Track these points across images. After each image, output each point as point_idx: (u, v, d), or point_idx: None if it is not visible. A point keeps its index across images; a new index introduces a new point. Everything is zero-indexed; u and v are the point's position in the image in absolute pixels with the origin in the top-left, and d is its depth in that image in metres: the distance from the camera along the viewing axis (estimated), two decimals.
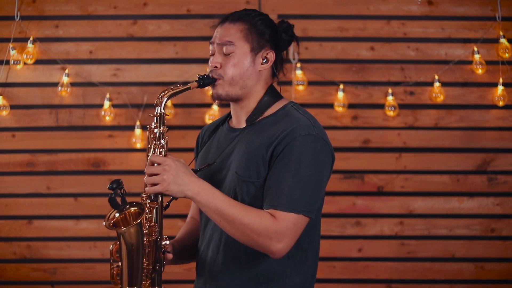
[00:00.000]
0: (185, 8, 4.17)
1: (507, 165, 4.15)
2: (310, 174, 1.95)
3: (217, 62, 2.07)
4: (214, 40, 2.10)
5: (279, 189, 1.93)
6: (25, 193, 4.18)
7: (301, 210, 1.92)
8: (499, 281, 4.18)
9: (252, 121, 2.08)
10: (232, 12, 2.14)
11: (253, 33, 2.07)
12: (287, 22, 2.16)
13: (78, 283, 4.20)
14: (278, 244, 1.90)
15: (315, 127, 2.01)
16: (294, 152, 1.94)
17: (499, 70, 4.12)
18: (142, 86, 4.18)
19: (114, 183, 1.94)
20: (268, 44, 2.09)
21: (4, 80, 4.13)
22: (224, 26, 2.10)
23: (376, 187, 4.17)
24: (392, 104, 4.12)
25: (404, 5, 4.16)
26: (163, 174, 1.92)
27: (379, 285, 4.19)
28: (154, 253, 2.04)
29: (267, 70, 2.12)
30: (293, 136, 1.96)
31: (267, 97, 2.11)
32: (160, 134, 2.05)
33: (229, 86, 2.06)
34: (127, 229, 1.96)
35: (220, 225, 1.95)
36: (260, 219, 1.91)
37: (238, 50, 2.05)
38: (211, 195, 1.93)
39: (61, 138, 4.18)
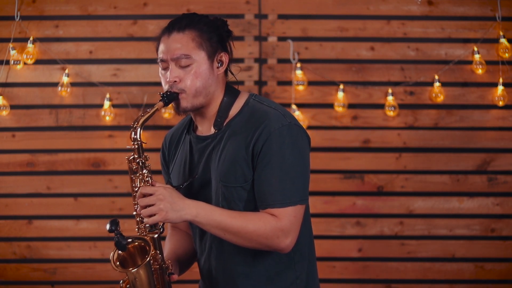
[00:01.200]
0: (185, 8, 4.17)
1: (507, 165, 4.15)
2: (295, 163, 1.96)
3: (175, 77, 2.02)
4: (166, 57, 2.04)
5: (270, 187, 1.94)
6: (25, 193, 4.18)
7: (297, 201, 1.95)
8: (499, 281, 4.18)
9: (220, 125, 2.06)
10: (175, 20, 2.08)
11: (204, 39, 2.04)
12: (221, 19, 2.13)
13: (78, 283, 4.20)
14: (286, 239, 1.94)
15: (285, 116, 2.01)
16: (273, 147, 1.95)
17: (499, 70, 4.12)
18: (142, 86, 4.18)
19: (112, 224, 1.94)
20: (218, 46, 2.07)
21: (4, 80, 4.13)
22: (172, 37, 2.05)
23: (376, 187, 4.17)
24: (392, 104, 4.12)
25: (404, 5, 4.16)
26: (159, 204, 1.92)
27: (379, 285, 4.19)
28: (162, 278, 2.06)
29: (222, 72, 2.10)
30: (268, 132, 1.96)
31: (226, 97, 2.09)
32: (142, 163, 2.04)
33: (193, 98, 2.03)
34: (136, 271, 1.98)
35: (225, 238, 1.95)
36: (263, 222, 1.92)
37: (196, 61, 2.02)
38: (210, 213, 1.93)
39: (61, 138, 4.18)
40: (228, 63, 2.11)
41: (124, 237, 1.97)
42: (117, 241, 1.95)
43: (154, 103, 4.41)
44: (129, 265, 2.03)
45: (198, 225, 1.97)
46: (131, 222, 4.18)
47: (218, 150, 2.04)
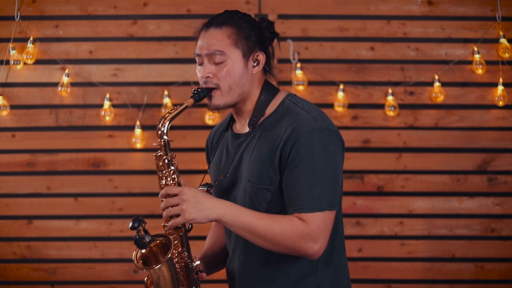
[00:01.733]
0: (185, 8, 4.17)
1: (507, 165, 4.15)
2: (325, 168, 1.92)
3: (209, 72, 2.01)
4: (201, 52, 2.02)
5: (298, 191, 1.90)
6: (25, 193, 4.18)
7: (325, 206, 1.90)
8: (499, 281, 4.18)
9: (254, 124, 2.05)
10: (214, 16, 2.07)
11: (241, 37, 2.02)
12: (267, 20, 2.13)
13: (78, 283, 4.20)
14: (314, 245, 1.89)
15: (316, 119, 1.97)
16: (302, 150, 1.91)
17: (499, 70, 4.12)
18: (142, 86, 4.18)
19: (135, 221, 1.92)
20: (256, 45, 2.05)
21: (4, 80, 4.13)
22: (209, 32, 2.03)
23: (376, 187, 4.17)
24: (392, 104, 4.12)
25: (404, 5, 4.16)
26: (182, 204, 1.90)
27: (379, 285, 4.19)
28: (188, 276, 2.04)
29: (260, 71, 2.08)
30: (297, 135, 1.92)
31: (263, 96, 2.07)
32: (168, 161, 2.03)
33: (227, 96, 2.02)
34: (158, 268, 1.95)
35: (252, 240, 1.93)
36: (291, 226, 1.89)
37: (230, 58, 2.00)
38: (237, 214, 1.91)
39: (61, 138, 4.18)
40: (265, 63, 2.08)
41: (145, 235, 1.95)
42: (137, 239, 1.92)
43: (154, 103, 4.44)
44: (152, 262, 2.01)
45: (225, 225, 1.94)
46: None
47: (250, 149, 2.03)
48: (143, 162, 4.17)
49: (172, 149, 2.05)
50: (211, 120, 4.07)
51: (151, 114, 4.16)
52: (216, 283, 4.13)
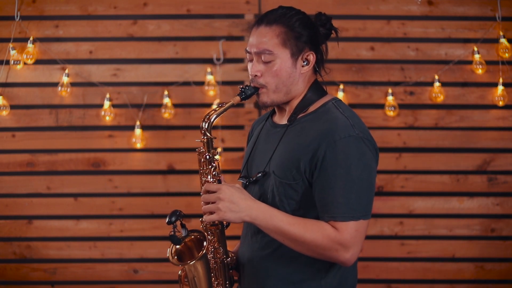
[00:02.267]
0: (185, 8, 4.17)
1: (507, 165, 4.15)
2: (361, 177, 1.92)
3: (257, 71, 2.02)
4: (250, 49, 2.03)
5: (334, 198, 1.90)
6: (25, 193, 4.18)
7: (360, 216, 1.91)
8: (499, 281, 4.18)
9: (293, 119, 2.06)
10: (268, 12, 2.07)
11: (291, 37, 2.02)
12: (325, 15, 2.13)
13: (78, 283, 4.20)
14: (346, 254, 1.90)
15: (354, 126, 1.97)
16: (338, 157, 1.91)
17: (499, 70, 4.11)
18: (142, 86, 4.18)
19: (172, 216, 1.95)
20: (307, 45, 2.05)
21: (4, 80, 4.13)
22: (259, 30, 2.03)
23: (376, 187, 4.16)
24: (392, 104, 4.12)
25: (404, 5, 4.16)
26: (218, 203, 1.91)
27: (379, 285, 4.19)
28: (223, 272, 2.06)
29: (309, 70, 2.09)
30: (333, 140, 1.92)
31: (310, 94, 2.08)
32: (210, 157, 2.04)
33: (273, 94, 2.04)
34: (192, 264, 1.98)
35: (284, 243, 1.94)
36: (322, 233, 1.90)
37: (278, 58, 2.01)
38: (269, 217, 1.92)
39: (61, 138, 4.18)
40: (316, 62, 2.09)
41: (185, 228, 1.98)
42: (171, 236, 1.96)
43: (154, 103, 4.44)
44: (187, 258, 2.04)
45: (258, 227, 1.96)
46: (131, 222, 4.20)
47: (283, 143, 2.04)
48: (143, 162, 4.17)
49: (171, 149, 2.06)
50: None
51: (151, 114, 4.16)
52: None
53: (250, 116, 4.12)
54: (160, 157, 4.15)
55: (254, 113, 4.12)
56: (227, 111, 2.08)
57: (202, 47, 4.17)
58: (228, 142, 4.14)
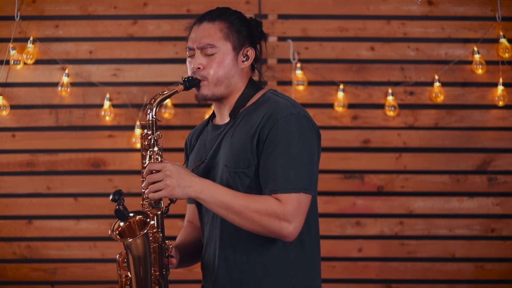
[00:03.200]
0: (185, 8, 4.17)
1: (507, 165, 4.15)
2: (301, 152, 1.97)
3: (199, 64, 2.07)
4: (193, 45, 2.09)
5: (274, 174, 1.95)
6: (25, 193, 4.18)
7: (301, 188, 1.94)
8: (499, 281, 4.18)
9: (235, 114, 2.10)
10: (207, 12, 2.13)
11: (232, 31, 2.09)
12: (256, 20, 2.18)
13: (78, 283, 4.20)
14: (289, 225, 1.92)
15: (295, 106, 2.04)
16: (279, 133, 1.96)
17: (499, 70, 4.11)
18: (142, 86, 4.18)
19: (116, 194, 1.96)
20: (246, 41, 2.12)
21: (4, 80, 4.13)
22: (202, 26, 2.10)
23: (376, 187, 4.17)
24: (392, 104, 4.12)
25: (404, 5, 4.16)
26: (166, 179, 1.94)
27: (379, 285, 4.19)
28: (160, 259, 2.06)
29: (248, 66, 2.14)
30: (276, 119, 1.98)
31: (247, 90, 2.13)
32: (154, 140, 2.08)
33: (214, 87, 2.08)
34: (133, 240, 1.98)
35: (227, 218, 1.96)
36: (266, 204, 1.93)
37: (221, 51, 2.07)
38: (214, 191, 1.95)
39: (61, 138, 4.18)
40: (254, 59, 2.14)
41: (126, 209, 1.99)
42: (117, 209, 1.97)
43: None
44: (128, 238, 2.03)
45: (202, 203, 1.98)
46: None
47: (228, 137, 2.08)
48: None
49: (171, 149, 2.07)
50: None
51: None
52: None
53: None
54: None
55: None
56: None
57: None
58: None
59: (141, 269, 2.00)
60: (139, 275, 2.01)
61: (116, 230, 2.03)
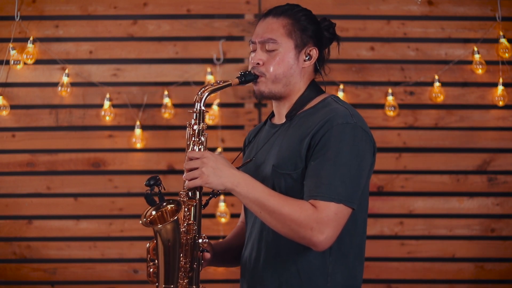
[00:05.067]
0: (185, 8, 4.17)
1: (507, 165, 4.15)
2: (350, 163, 1.90)
3: (259, 59, 2.03)
4: (255, 38, 2.05)
5: (318, 179, 1.88)
6: (25, 193, 4.18)
7: (341, 199, 1.87)
8: (499, 281, 4.18)
9: (292, 115, 2.05)
10: (275, 7, 2.09)
11: (296, 29, 2.04)
12: (329, 21, 2.13)
13: (78, 283, 4.20)
14: (320, 235, 1.85)
15: (353, 116, 1.96)
16: (331, 141, 1.90)
17: (499, 70, 4.11)
18: (142, 86, 4.18)
19: (151, 179, 1.94)
20: (311, 40, 2.06)
21: (4, 80, 4.13)
22: (266, 20, 2.05)
23: (376, 187, 4.17)
24: (392, 104, 4.12)
25: (404, 5, 4.16)
26: (202, 167, 1.91)
27: (379, 285, 4.19)
28: (192, 252, 2.00)
29: (310, 67, 2.09)
30: (330, 125, 1.92)
31: (308, 92, 2.08)
32: (199, 130, 2.03)
33: (272, 84, 2.04)
34: (163, 226, 1.94)
35: (260, 216, 1.92)
36: (300, 208, 1.86)
37: (282, 48, 2.02)
38: (251, 186, 1.90)
39: (61, 138, 4.18)
40: (318, 59, 2.09)
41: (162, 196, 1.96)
42: (147, 195, 1.94)
43: (154, 103, 4.43)
44: None
45: (237, 196, 1.93)
46: (131, 222, 4.20)
47: (282, 137, 2.04)
48: (143, 162, 4.16)
49: (171, 148, 2.06)
50: (211, 120, 4.07)
51: (151, 114, 4.16)
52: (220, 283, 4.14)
53: (250, 116, 4.12)
54: (160, 157, 4.15)
55: (254, 113, 4.12)
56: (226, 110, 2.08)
57: (202, 47, 4.17)
58: (228, 142, 4.13)
59: (169, 258, 1.96)
60: (167, 264, 1.96)
61: (148, 217, 1.98)
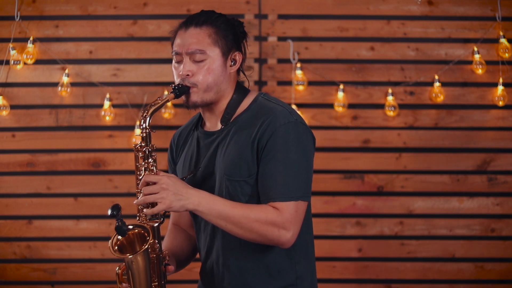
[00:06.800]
0: (185, 8, 4.17)
1: (507, 165, 4.15)
2: (299, 160, 1.98)
3: (189, 70, 2.05)
4: (180, 49, 2.06)
5: (273, 181, 1.96)
6: (25, 193, 4.18)
7: (299, 196, 1.96)
8: (499, 281, 4.18)
9: (227, 121, 2.09)
10: (192, 16, 2.11)
11: (220, 37, 2.06)
12: (237, 20, 2.15)
13: (78, 283, 4.20)
14: (287, 233, 1.94)
15: (291, 113, 2.03)
16: (278, 142, 1.97)
17: (499, 70, 4.11)
18: (142, 86, 4.18)
19: (114, 209, 1.98)
20: (234, 45, 2.10)
21: (4, 80, 4.13)
22: (189, 31, 2.07)
23: (376, 187, 4.17)
24: (392, 104, 4.12)
25: (404, 5, 4.16)
26: (162, 192, 1.93)
27: (379, 285, 4.19)
28: (158, 269, 2.05)
29: (235, 70, 2.13)
30: (274, 127, 1.98)
31: (236, 95, 2.11)
32: (149, 152, 2.08)
33: (204, 93, 2.06)
34: (134, 257, 1.97)
35: (226, 229, 1.96)
36: (265, 213, 1.93)
37: (210, 57, 2.04)
38: (212, 202, 1.94)
39: (61, 138, 4.18)
40: (241, 63, 2.13)
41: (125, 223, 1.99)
42: (118, 226, 1.96)
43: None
44: (127, 252, 2.03)
45: (200, 215, 1.97)
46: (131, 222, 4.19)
47: (224, 145, 2.06)
48: None
49: None
50: None
51: None
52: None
53: None
54: (160, 157, 4.13)
55: None
56: None
57: None
58: None
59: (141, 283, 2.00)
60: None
61: (115, 245, 2.02)
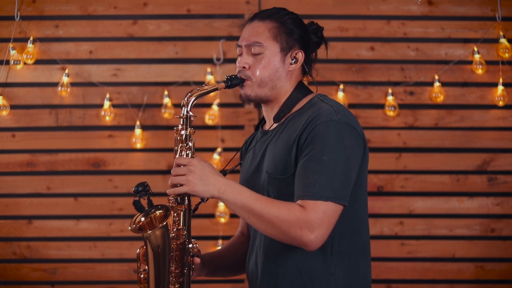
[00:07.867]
0: (185, 8, 4.17)
1: (507, 165, 4.15)
2: (336, 160, 1.88)
3: (245, 63, 2.03)
4: (241, 42, 2.05)
5: (305, 179, 1.87)
6: (25, 193, 4.18)
7: (329, 197, 1.85)
8: (499, 281, 4.18)
9: (279, 118, 2.05)
10: (261, 11, 2.10)
11: (282, 32, 2.04)
12: (316, 24, 2.14)
13: (78, 283, 4.20)
14: (310, 234, 1.84)
15: (338, 113, 1.95)
16: (316, 139, 1.89)
17: (499, 70, 4.12)
18: (142, 86, 4.18)
19: (139, 185, 1.93)
20: (297, 43, 2.06)
21: (4, 80, 4.13)
22: (252, 24, 2.07)
23: (376, 187, 4.17)
24: (392, 104, 4.12)
25: (404, 5, 4.16)
26: (188, 174, 1.90)
27: (379, 285, 4.19)
28: (182, 257, 2.00)
29: (297, 69, 2.09)
30: (314, 124, 1.91)
31: (294, 93, 2.07)
32: (186, 136, 2.02)
33: (258, 87, 2.03)
34: (152, 233, 1.93)
35: (249, 222, 1.91)
36: (288, 209, 1.85)
37: (268, 51, 2.02)
38: (237, 192, 1.90)
39: (61, 138, 4.18)
40: (304, 62, 2.08)
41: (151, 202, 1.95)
42: (135, 201, 1.92)
43: (154, 103, 4.44)
44: None
45: (225, 203, 1.94)
46: None
47: (273, 143, 2.03)
48: (143, 162, 4.17)
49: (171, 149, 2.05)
50: (211, 120, 4.07)
51: (151, 114, 4.16)
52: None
53: (250, 116, 4.12)
54: (160, 157, 4.15)
55: (254, 113, 4.12)
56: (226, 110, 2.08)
57: (202, 47, 4.17)
58: (227, 142, 4.13)
59: (159, 264, 1.95)
60: (157, 270, 1.96)
61: (137, 224, 1.98)
